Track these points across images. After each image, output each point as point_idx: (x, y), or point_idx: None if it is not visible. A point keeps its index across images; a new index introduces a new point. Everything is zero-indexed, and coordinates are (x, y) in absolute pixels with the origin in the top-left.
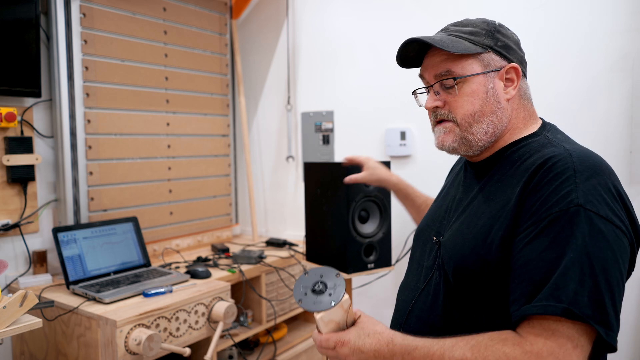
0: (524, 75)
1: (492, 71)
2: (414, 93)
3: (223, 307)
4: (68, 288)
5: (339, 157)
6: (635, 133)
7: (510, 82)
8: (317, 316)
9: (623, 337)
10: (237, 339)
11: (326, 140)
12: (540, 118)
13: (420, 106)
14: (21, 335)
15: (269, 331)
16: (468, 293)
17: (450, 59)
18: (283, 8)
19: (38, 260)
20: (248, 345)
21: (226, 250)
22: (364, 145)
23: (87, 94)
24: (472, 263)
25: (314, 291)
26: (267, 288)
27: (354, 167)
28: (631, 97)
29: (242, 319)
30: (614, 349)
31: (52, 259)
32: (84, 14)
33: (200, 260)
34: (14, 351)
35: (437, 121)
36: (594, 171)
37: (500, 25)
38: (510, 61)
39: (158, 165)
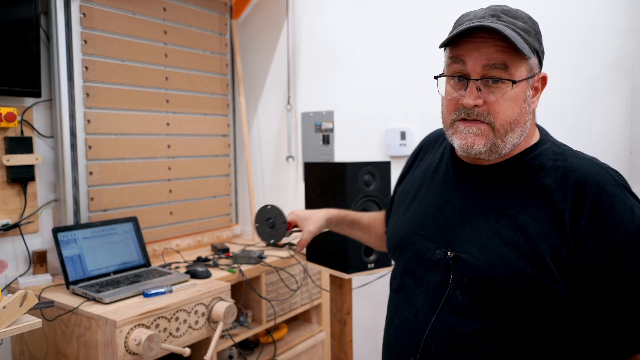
0: None
1: (531, 77)
2: (438, 77)
3: (223, 307)
4: (68, 288)
5: (339, 157)
6: (635, 133)
7: (535, 91)
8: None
9: None
10: (237, 339)
11: (326, 140)
12: None
13: (441, 95)
14: (21, 336)
15: (269, 331)
16: (511, 312)
17: (507, 53)
18: (283, 8)
19: (38, 260)
20: (248, 345)
21: (226, 250)
22: (364, 145)
23: (87, 94)
24: (523, 285)
25: (266, 224)
26: (267, 288)
27: (355, 166)
28: (631, 97)
29: (242, 319)
30: None
31: (52, 259)
32: (84, 14)
33: (200, 260)
34: (14, 351)
35: (469, 119)
36: (624, 181)
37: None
38: (540, 69)
39: (158, 165)
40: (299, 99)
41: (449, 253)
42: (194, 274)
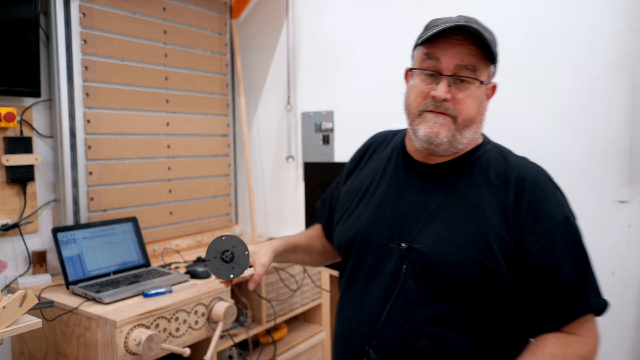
0: None
1: (488, 83)
2: (411, 70)
3: (223, 307)
4: (68, 288)
5: (339, 157)
6: (635, 133)
7: (487, 97)
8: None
9: (623, 337)
10: (237, 339)
11: (326, 140)
12: None
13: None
14: (21, 336)
15: (269, 331)
16: (460, 297)
17: (476, 57)
18: (283, 8)
19: (38, 261)
20: (248, 346)
21: None
22: None
23: (87, 94)
24: (473, 271)
25: (222, 258)
26: (267, 288)
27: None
28: (631, 97)
29: (242, 319)
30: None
31: (52, 259)
32: (84, 14)
33: (200, 260)
34: (14, 351)
35: (436, 111)
36: (552, 178)
37: None
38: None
39: (158, 165)
40: (299, 99)
41: (402, 245)
42: (193, 274)
